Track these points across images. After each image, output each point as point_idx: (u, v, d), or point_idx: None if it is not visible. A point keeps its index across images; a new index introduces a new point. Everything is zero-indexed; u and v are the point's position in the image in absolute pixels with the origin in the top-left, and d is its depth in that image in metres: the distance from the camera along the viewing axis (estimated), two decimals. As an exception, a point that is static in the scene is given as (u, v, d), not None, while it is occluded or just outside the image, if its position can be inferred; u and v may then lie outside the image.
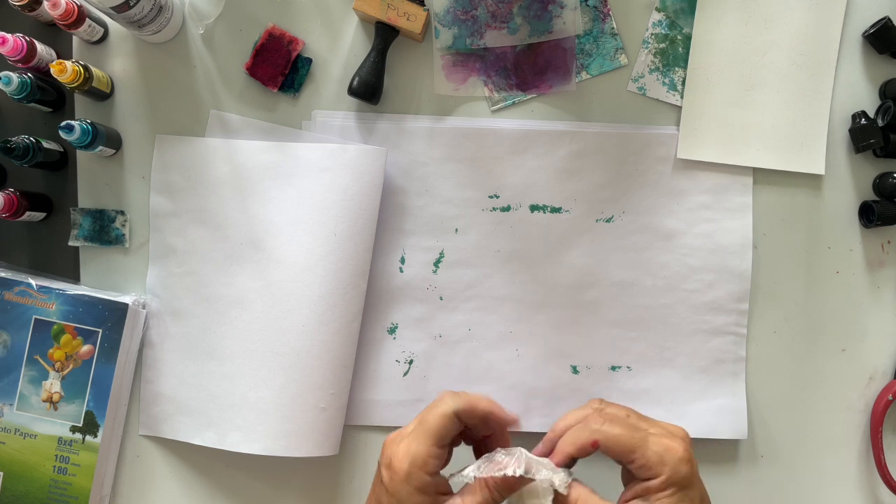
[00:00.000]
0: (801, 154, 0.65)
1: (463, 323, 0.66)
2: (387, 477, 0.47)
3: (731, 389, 0.65)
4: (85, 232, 0.66)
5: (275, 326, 0.62)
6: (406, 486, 0.46)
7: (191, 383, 0.64)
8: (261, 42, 0.65)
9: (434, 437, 0.47)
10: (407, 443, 0.47)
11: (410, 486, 0.46)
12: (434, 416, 0.47)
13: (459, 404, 0.48)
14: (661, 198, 0.65)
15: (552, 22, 0.64)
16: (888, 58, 0.66)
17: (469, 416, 0.48)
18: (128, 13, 0.58)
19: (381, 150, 0.63)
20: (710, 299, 0.65)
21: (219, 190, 0.64)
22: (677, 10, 0.65)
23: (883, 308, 0.66)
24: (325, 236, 0.62)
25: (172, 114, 0.66)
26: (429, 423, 0.47)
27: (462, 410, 0.48)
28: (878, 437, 0.64)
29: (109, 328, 0.63)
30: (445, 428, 0.47)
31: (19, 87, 0.59)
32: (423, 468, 0.46)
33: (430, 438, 0.47)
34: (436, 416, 0.47)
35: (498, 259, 0.65)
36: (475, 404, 0.48)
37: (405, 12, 0.62)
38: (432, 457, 0.47)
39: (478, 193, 0.65)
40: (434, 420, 0.47)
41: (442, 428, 0.47)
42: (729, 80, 0.65)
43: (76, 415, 0.63)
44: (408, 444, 0.47)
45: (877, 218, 0.64)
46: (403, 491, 0.46)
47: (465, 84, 0.66)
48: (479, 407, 0.48)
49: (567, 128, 0.65)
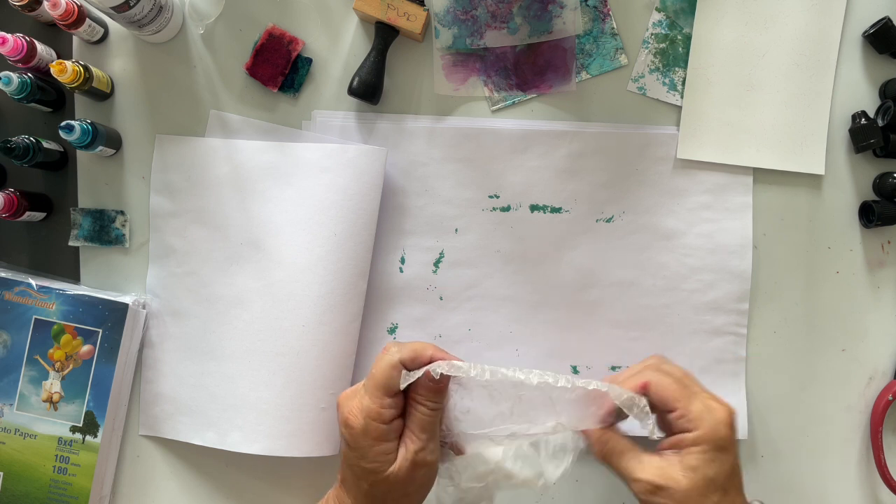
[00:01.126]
0: (801, 154, 0.65)
1: (463, 323, 0.66)
2: (347, 434, 0.49)
3: (731, 389, 0.65)
4: (85, 232, 0.66)
5: (275, 326, 0.62)
6: (365, 439, 0.48)
7: (191, 383, 0.64)
8: (261, 42, 0.65)
9: (383, 388, 0.48)
10: (359, 398, 0.49)
11: (369, 438, 0.48)
12: (380, 368, 0.49)
13: (404, 353, 0.49)
14: (661, 198, 0.65)
15: (552, 22, 0.64)
16: (888, 58, 0.66)
17: (414, 363, 0.49)
18: (128, 13, 0.58)
19: (381, 150, 0.63)
20: (711, 299, 0.65)
21: (219, 190, 0.64)
22: (677, 10, 0.65)
23: (883, 308, 0.66)
24: (325, 236, 0.62)
25: (172, 114, 0.66)
26: (376, 376, 0.49)
27: (407, 359, 0.49)
28: (878, 437, 0.64)
29: (109, 328, 0.63)
30: (393, 378, 0.48)
31: (19, 87, 0.59)
32: (377, 419, 0.48)
33: (379, 390, 0.48)
34: (382, 367, 0.49)
35: (498, 259, 0.65)
36: (420, 352, 0.49)
37: (405, 12, 0.62)
38: (385, 407, 0.48)
39: (478, 193, 0.65)
40: (381, 372, 0.49)
41: (389, 378, 0.48)
42: (729, 80, 0.65)
43: (76, 415, 0.63)
44: (360, 400, 0.49)
45: (877, 218, 0.64)
46: (364, 444, 0.48)
47: (465, 84, 0.66)
48: (425, 354, 0.49)
49: (567, 128, 0.65)
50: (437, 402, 0.49)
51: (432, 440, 0.49)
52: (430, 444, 0.49)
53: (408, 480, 0.48)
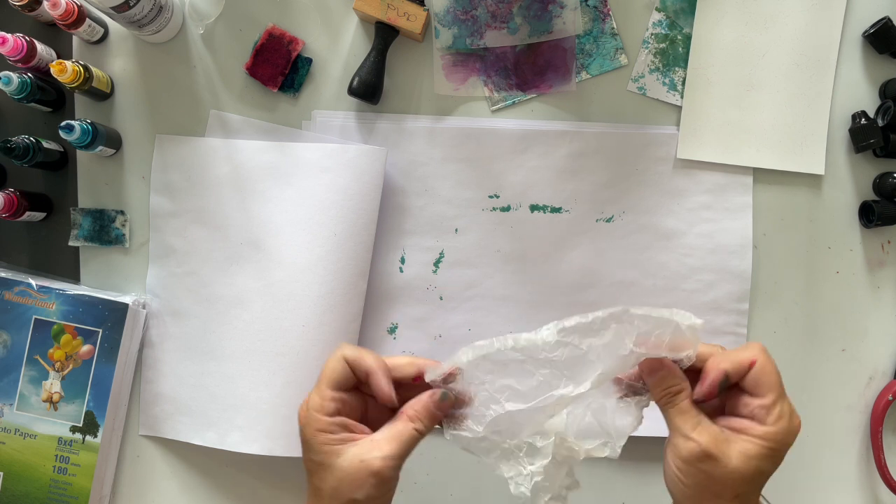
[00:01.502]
0: (800, 154, 0.65)
1: (463, 323, 0.66)
2: (299, 428, 0.49)
3: (731, 389, 0.65)
4: (85, 232, 0.66)
5: (275, 326, 0.62)
6: (308, 429, 0.48)
7: (191, 383, 0.64)
8: (261, 42, 0.65)
9: (327, 381, 0.49)
10: (308, 394, 0.50)
11: (311, 429, 0.48)
12: (328, 363, 0.49)
13: (349, 352, 0.49)
14: (661, 198, 0.65)
15: (552, 22, 0.64)
16: (888, 58, 0.66)
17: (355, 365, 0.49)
18: (128, 13, 0.58)
19: (381, 150, 0.63)
20: (710, 299, 0.65)
21: (219, 190, 0.64)
22: (677, 10, 0.65)
23: (883, 308, 0.66)
24: (325, 236, 0.62)
25: (172, 114, 0.66)
26: (323, 371, 0.49)
27: (350, 358, 0.49)
28: (878, 437, 0.64)
29: (109, 328, 0.63)
30: (336, 371, 0.49)
31: (19, 87, 0.59)
32: (319, 410, 0.48)
33: (323, 383, 0.49)
34: (329, 362, 0.49)
35: (498, 259, 0.65)
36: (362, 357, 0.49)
37: (405, 12, 0.62)
38: (327, 399, 0.48)
39: (478, 193, 0.65)
40: (327, 366, 0.49)
41: (333, 371, 0.49)
42: (729, 80, 0.65)
43: (76, 415, 0.63)
44: (308, 395, 0.49)
45: (877, 218, 0.64)
46: (307, 433, 0.48)
47: (465, 84, 0.66)
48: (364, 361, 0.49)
49: (567, 128, 0.65)
50: (426, 426, 0.48)
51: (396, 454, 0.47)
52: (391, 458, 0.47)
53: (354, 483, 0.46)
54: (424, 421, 0.48)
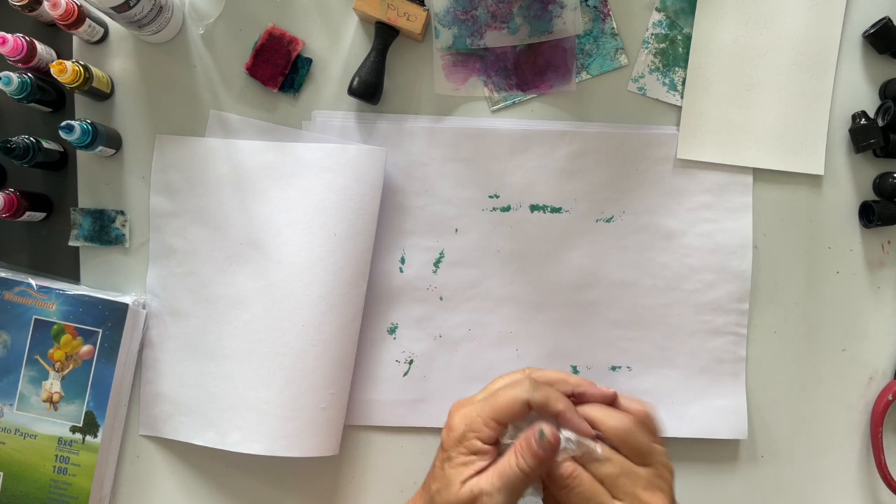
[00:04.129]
0: (800, 154, 0.65)
1: (463, 323, 0.66)
2: (444, 434, 0.49)
3: (732, 389, 0.65)
4: (85, 232, 0.66)
5: (275, 326, 0.62)
6: (458, 447, 0.47)
7: (191, 383, 0.64)
8: (261, 42, 0.65)
9: (496, 414, 0.47)
10: (470, 409, 0.48)
11: (462, 447, 0.47)
12: (505, 396, 0.47)
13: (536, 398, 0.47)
14: (661, 198, 0.65)
15: (552, 22, 0.64)
16: (888, 58, 0.66)
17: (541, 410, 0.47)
18: (128, 13, 0.58)
19: (381, 150, 0.63)
20: (711, 299, 0.65)
21: (219, 190, 0.64)
22: (677, 10, 0.65)
23: (883, 308, 0.66)
24: (326, 236, 0.62)
25: (172, 114, 0.66)
26: (497, 401, 0.47)
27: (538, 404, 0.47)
28: (878, 438, 0.64)
29: (109, 328, 0.63)
30: (512, 409, 0.47)
31: (19, 87, 0.59)
32: (477, 435, 0.47)
33: (492, 412, 0.47)
34: (507, 397, 0.47)
35: (498, 259, 0.65)
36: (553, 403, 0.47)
37: (405, 12, 0.62)
38: (489, 428, 0.47)
39: (478, 193, 0.65)
40: (503, 400, 0.47)
41: (508, 408, 0.47)
42: (729, 80, 0.65)
43: (76, 415, 0.63)
44: (469, 410, 0.48)
45: (877, 218, 0.64)
46: (454, 450, 0.47)
47: (465, 84, 0.66)
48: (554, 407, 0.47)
49: (567, 128, 0.65)
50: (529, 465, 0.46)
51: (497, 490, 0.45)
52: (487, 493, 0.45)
53: None
54: (527, 458, 0.46)
